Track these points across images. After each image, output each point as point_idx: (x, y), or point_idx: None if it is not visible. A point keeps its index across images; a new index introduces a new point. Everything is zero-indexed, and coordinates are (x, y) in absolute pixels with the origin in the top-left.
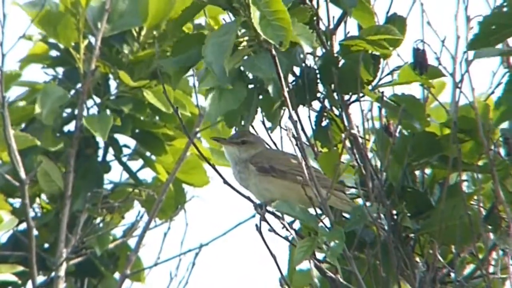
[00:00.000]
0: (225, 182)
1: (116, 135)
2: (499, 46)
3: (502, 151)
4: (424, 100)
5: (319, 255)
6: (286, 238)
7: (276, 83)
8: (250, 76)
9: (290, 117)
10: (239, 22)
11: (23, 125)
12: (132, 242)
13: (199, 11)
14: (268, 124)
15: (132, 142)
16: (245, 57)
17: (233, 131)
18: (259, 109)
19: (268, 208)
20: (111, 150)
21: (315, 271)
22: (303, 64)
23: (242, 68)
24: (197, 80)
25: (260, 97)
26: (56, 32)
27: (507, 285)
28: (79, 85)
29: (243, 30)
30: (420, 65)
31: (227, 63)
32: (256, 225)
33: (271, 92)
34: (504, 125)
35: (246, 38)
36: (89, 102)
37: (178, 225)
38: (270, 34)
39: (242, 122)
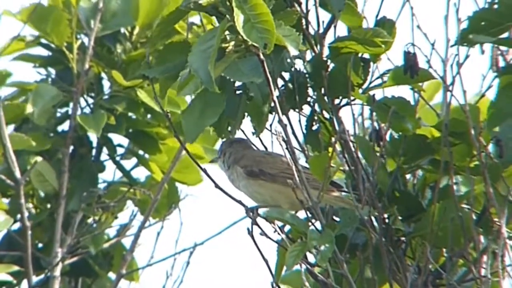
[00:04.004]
0: (217, 186)
1: (110, 135)
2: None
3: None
4: (415, 103)
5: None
6: (277, 242)
7: (261, 87)
8: (239, 82)
9: (280, 121)
10: (225, 26)
11: (15, 125)
12: (126, 241)
13: (183, 16)
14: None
15: (125, 141)
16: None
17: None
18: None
19: (260, 211)
20: (105, 150)
21: (307, 275)
22: (293, 68)
23: (227, 76)
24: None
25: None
26: (47, 29)
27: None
28: (72, 85)
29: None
30: (411, 69)
31: (211, 67)
32: (248, 228)
33: (255, 96)
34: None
35: (233, 43)
36: (83, 102)
37: (172, 224)
38: (254, 37)
39: (229, 128)
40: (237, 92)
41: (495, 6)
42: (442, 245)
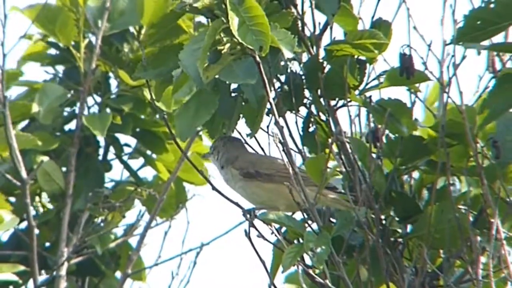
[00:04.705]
0: (214, 188)
1: (117, 134)
2: (485, 43)
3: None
4: (412, 104)
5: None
6: (275, 244)
7: (255, 89)
8: (235, 85)
9: (276, 122)
10: (217, 26)
11: (22, 124)
12: (133, 241)
13: (179, 18)
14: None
15: (132, 141)
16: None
17: None
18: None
19: (257, 213)
20: (111, 149)
21: (304, 277)
22: (289, 70)
23: (221, 78)
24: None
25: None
26: (55, 30)
27: None
28: (79, 84)
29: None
30: (407, 70)
31: (201, 64)
32: (245, 230)
33: (249, 97)
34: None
35: (228, 45)
36: (90, 101)
37: (179, 224)
38: (249, 40)
39: (224, 130)
40: (233, 94)
41: (492, 6)
42: (439, 246)
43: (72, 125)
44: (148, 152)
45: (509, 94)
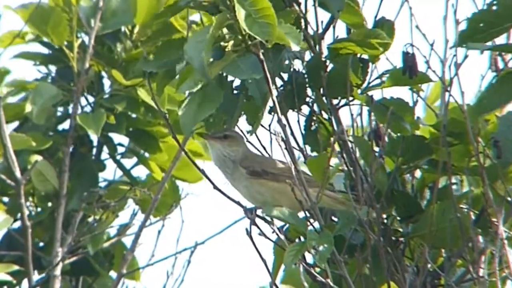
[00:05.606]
0: (215, 187)
1: (110, 134)
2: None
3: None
4: (414, 104)
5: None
6: (276, 243)
7: (259, 86)
8: (237, 82)
9: (279, 121)
10: (222, 19)
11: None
12: (127, 240)
13: (179, 11)
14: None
15: (126, 140)
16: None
17: None
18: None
19: (258, 212)
20: (105, 149)
21: (305, 275)
22: (291, 69)
23: (224, 74)
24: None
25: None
26: (48, 29)
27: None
28: (72, 84)
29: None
30: (410, 69)
31: (206, 54)
32: (246, 229)
33: (254, 94)
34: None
35: (232, 42)
36: (83, 101)
37: (173, 223)
38: (256, 31)
39: (225, 127)
40: (235, 91)
41: (494, 8)
42: (441, 245)
43: (65, 125)
44: (142, 152)
45: (508, 90)
